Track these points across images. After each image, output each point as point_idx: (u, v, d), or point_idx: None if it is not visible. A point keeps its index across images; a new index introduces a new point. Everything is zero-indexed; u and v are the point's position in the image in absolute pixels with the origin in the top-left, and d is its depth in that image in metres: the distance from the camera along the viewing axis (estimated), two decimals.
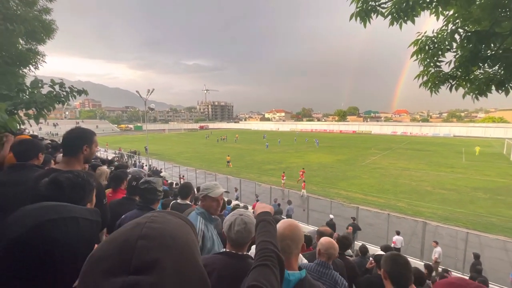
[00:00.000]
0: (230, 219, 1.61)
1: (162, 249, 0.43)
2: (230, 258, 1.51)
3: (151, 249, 0.42)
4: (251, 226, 1.59)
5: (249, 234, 1.58)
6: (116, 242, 0.44)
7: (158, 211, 0.54)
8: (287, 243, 1.33)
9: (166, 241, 0.44)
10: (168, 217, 0.51)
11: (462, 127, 69.46)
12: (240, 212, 1.64)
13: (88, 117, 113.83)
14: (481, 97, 3.28)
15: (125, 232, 0.46)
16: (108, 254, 0.43)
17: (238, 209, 1.73)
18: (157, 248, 0.42)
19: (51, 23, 7.01)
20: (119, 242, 0.44)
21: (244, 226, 1.57)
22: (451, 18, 3.21)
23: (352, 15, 3.26)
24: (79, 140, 1.77)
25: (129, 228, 0.46)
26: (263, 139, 54.75)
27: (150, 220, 0.47)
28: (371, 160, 29.70)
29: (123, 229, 0.47)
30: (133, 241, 0.43)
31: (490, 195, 17.03)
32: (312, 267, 2.16)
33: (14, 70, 5.48)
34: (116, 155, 29.09)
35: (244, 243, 1.59)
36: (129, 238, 0.44)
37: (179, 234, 0.48)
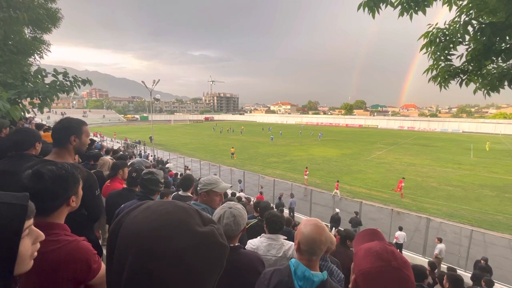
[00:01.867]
0: (219, 212, 1.63)
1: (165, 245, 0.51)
2: None
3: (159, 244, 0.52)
4: (239, 219, 1.61)
5: (238, 227, 1.60)
6: (134, 236, 0.54)
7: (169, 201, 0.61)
8: (321, 247, 1.31)
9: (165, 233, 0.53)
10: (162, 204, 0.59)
11: (472, 123, 68.02)
12: (229, 205, 1.65)
13: (95, 106, 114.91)
14: (493, 92, 3.16)
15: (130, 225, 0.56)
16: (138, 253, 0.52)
17: (228, 202, 1.73)
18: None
19: (57, 11, 6.97)
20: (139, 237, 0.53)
21: (233, 219, 1.58)
22: (465, 9, 3.06)
23: (360, 5, 3.13)
24: (66, 130, 1.73)
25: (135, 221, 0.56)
26: (269, 131, 54.61)
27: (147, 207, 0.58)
28: (377, 155, 29.42)
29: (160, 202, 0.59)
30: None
31: (497, 192, 16.77)
32: None
33: (19, 59, 5.49)
34: (123, 145, 29.42)
35: (233, 236, 1.60)
36: (137, 235, 0.53)
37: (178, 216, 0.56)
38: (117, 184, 3.18)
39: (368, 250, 0.92)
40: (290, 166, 23.49)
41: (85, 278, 1.16)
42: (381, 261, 0.86)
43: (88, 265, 1.16)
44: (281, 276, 1.33)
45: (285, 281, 1.29)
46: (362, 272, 0.87)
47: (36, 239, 0.77)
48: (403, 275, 0.84)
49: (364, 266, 0.88)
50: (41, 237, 0.78)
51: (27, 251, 0.72)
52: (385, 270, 0.84)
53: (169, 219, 0.55)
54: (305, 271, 1.27)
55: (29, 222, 0.72)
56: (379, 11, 3.14)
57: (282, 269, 1.40)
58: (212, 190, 2.15)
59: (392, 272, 0.84)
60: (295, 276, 1.28)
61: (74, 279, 1.13)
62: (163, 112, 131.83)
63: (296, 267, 1.30)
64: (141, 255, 0.51)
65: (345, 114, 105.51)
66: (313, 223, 1.38)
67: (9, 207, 0.67)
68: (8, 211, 0.67)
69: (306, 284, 1.25)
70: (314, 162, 25.15)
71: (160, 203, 0.60)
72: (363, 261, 0.90)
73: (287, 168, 22.69)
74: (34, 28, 6.66)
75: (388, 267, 0.84)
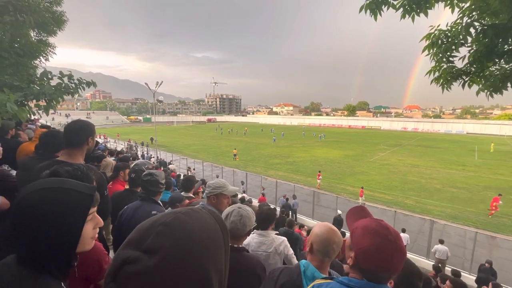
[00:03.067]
0: (227, 210, 1.66)
1: (173, 240, 0.45)
2: None
3: (164, 236, 0.45)
4: (246, 219, 1.63)
5: (244, 227, 1.62)
6: (150, 221, 0.49)
7: (205, 208, 0.58)
8: (334, 248, 1.34)
9: (180, 234, 0.47)
10: (205, 216, 0.53)
11: (476, 124, 67.36)
12: (238, 205, 1.67)
13: (99, 108, 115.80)
14: (496, 94, 3.15)
15: (161, 215, 0.50)
16: (139, 229, 0.49)
17: (238, 203, 1.75)
18: (168, 237, 0.45)
19: (62, 14, 7.07)
20: (150, 222, 0.49)
21: (240, 218, 1.61)
22: (467, 11, 3.06)
23: (362, 7, 3.14)
24: (83, 132, 1.79)
25: (165, 213, 0.51)
26: (271, 132, 54.58)
27: (185, 212, 0.51)
28: (380, 156, 29.27)
29: (163, 213, 0.52)
30: (157, 225, 0.47)
31: (503, 194, 16.57)
32: None
33: (25, 61, 5.56)
34: (126, 146, 29.60)
35: (238, 236, 1.63)
36: (157, 221, 0.48)
37: (200, 233, 0.49)
38: (118, 185, 3.21)
39: (365, 228, 1.00)
40: (293, 167, 23.45)
41: (95, 278, 1.19)
42: (379, 237, 0.94)
43: (99, 265, 1.19)
44: (290, 275, 1.35)
45: (294, 280, 1.31)
46: (363, 250, 0.95)
47: (97, 225, 0.91)
48: (398, 247, 0.93)
49: (364, 244, 0.96)
50: (100, 223, 0.92)
51: (89, 234, 0.86)
52: (383, 245, 0.93)
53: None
54: (314, 272, 1.28)
55: (93, 209, 0.86)
56: (381, 13, 3.16)
57: (291, 268, 1.41)
58: (222, 193, 2.20)
59: (389, 245, 0.92)
60: (304, 276, 1.30)
61: (86, 279, 1.16)
62: (166, 113, 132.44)
63: (306, 268, 1.32)
64: None
65: (348, 115, 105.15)
66: (327, 224, 1.41)
67: (80, 195, 0.82)
68: (78, 198, 0.81)
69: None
70: (317, 163, 25.08)
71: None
72: (363, 239, 0.97)
73: (290, 169, 22.67)
74: (40, 31, 6.76)
75: (385, 241, 0.93)
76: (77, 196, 0.81)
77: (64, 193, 0.80)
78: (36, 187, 0.79)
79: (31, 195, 0.77)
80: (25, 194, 0.78)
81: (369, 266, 0.94)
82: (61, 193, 0.79)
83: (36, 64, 6.76)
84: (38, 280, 0.75)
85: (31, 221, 0.74)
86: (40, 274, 0.76)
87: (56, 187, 0.80)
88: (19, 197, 0.77)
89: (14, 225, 0.76)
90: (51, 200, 0.77)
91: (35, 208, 0.75)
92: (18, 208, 0.76)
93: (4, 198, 1.85)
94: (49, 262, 0.77)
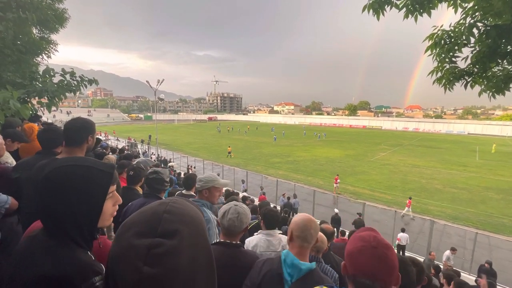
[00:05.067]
0: (225, 208, 1.69)
1: (182, 223, 0.55)
2: (223, 247, 1.60)
3: (174, 221, 0.54)
4: (243, 216, 1.67)
5: (241, 224, 1.65)
6: (146, 213, 0.56)
7: (177, 197, 0.65)
8: (311, 232, 1.39)
9: (185, 218, 0.56)
10: (186, 202, 0.63)
11: (478, 124, 67.20)
12: (234, 203, 1.70)
13: (100, 106, 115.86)
14: (498, 95, 3.14)
15: (152, 207, 0.58)
16: (139, 221, 0.55)
17: (234, 200, 1.78)
18: (178, 221, 0.54)
19: (64, 11, 7.07)
20: (148, 214, 0.56)
21: (237, 216, 1.64)
22: (470, 11, 3.05)
23: (365, 7, 3.14)
24: (84, 130, 1.79)
25: (156, 204, 0.58)
26: (272, 131, 54.58)
27: (172, 201, 0.59)
28: (380, 156, 29.25)
29: (150, 205, 0.59)
30: (160, 213, 0.55)
31: (503, 195, 16.57)
32: None
33: (27, 58, 5.58)
34: (127, 144, 29.64)
35: (235, 232, 1.66)
36: (157, 211, 0.56)
37: (195, 215, 0.60)
38: (122, 183, 3.23)
39: (354, 235, 1.03)
40: (293, 166, 23.46)
41: None
42: (363, 242, 0.96)
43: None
44: (271, 264, 1.41)
45: (275, 269, 1.36)
46: (347, 253, 0.98)
47: (116, 202, 0.96)
48: (380, 252, 0.92)
49: (349, 247, 0.99)
50: (119, 201, 0.98)
51: (109, 210, 0.92)
52: (364, 248, 0.94)
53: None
54: (293, 259, 1.34)
55: (112, 188, 0.91)
56: (383, 13, 3.15)
57: (273, 258, 1.47)
58: (214, 186, 2.25)
59: (371, 249, 0.93)
60: (284, 264, 1.35)
61: None
62: (167, 111, 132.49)
63: (286, 256, 1.37)
64: None
65: (349, 114, 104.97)
66: (305, 214, 1.49)
67: (100, 173, 0.88)
68: (100, 175, 0.87)
69: (294, 271, 1.32)
70: (318, 162, 25.09)
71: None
72: (349, 245, 1.01)
73: (290, 168, 22.68)
74: (42, 28, 6.76)
75: (367, 246, 0.94)
76: (98, 173, 0.87)
77: (87, 169, 0.86)
78: (62, 163, 0.86)
79: (58, 170, 0.83)
80: (53, 169, 0.83)
81: (353, 271, 0.94)
82: (84, 169, 0.85)
83: (38, 61, 6.77)
84: (66, 248, 0.81)
85: (59, 194, 0.81)
86: (67, 244, 0.82)
87: (80, 164, 0.86)
88: (46, 172, 0.83)
89: (42, 199, 0.82)
90: (76, 176, 0.83)
91: (62, 182, 0.81)
92: (46, 182, 0.82)
93: (13, 199, 1.87)
94: (75, 233, 0.83)
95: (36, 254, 0.80)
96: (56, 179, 0.82)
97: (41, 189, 0.82)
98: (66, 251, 0.81)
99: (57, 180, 0.82)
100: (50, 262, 0.78)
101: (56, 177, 0.82)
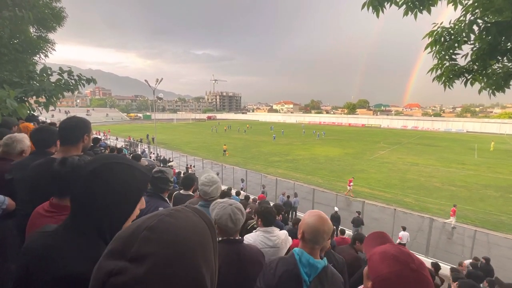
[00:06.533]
0: (219, 208, 1.68)
1: (161, 244, 0.43)
2: (227, 245, 1.61)
3: (151, 241, 0.43)
4: (239, 215, 1.68)
5: (238, 222, 1.66)
6: (131, 227, 0.46)
7: (188, 206, 0.55)
8: (324, 236, 1.39)
9: (168, 237, 0.44)
10: (189, 215, 0.51)
11: (476, 122, 67.39)
12: (229, 202, 1.71)
13: (99, 105, 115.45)
14: (498, 92, 3.14)
15: (142, 219, 0.48)
16: (119, 236, 0.46)
17: (227, 199, 1.78)
18: (156, 241, 0.43)
19: (61, 10, 7.02)
20: (132, 227, 0.46)
21: (234, 215, 1.65)
22: (470, 8, 3.04)
23: (364, 4, 3.11)
24: (79, 129, 1.76)
25: (147, 216, 0.48)
26: (271, 130, 54.58)
27: (168, 213, 0.48)
28: (379, 155, 29.29)
29: (144, 216, 0.49)
30: (141, 229, 0.44)
31: (502, 193, 16.63)
32: None
33: (24, 57, 5.54)
34: (125, 143, 29.58)
35: (234, 231, 1.66)
36: (140, 226, 0.45)
37: (188, 233, 0.47)
38: None
39: (383, 254, 0.89)
40: (293, 165, 23.46)
41: None
42: (400, 264, 0.84)
43: None
44: (287, 264, 1.40)
45: (291, 269, 1.37)
46: (382, 278, 0.85)
47: (141, 206, 0.92)
48: (422, 276, 0.82)
49: (382, 271, 0.85)
50: (143, 205, 0.93)
51: (135, 213, 0.88)
52: (404, 273, 0.82)
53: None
54: (309, 259, 1.36)
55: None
56: (383, 10, 3.13)
57: (287, 258, 1.46)
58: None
59: (412, 274, 0.82)
60: (301, 263, 1.36)
61: None
62: (166, 111, 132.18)
63: (301, 256, 1.38)
64: None
65: (348, 113, 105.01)
66: (317, 214, 1.45)
67: (141, 174, 0.87)
68: (140, 177, 0.86)
69: (311, 270, 1.35)
70: (317, 161, 25.10)
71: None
72: (381, 266, 0.87)
73: (290, 167, 22.68)
74: (39, 27, 6.71)
75: (407, 269, 0.82)
76: (139, 174, 0.86)
77: (130, 169, 0.84)
78: (105, 160, 0.84)
79: (105, 166, 0.82)
80: (100, 164, 0.82)
81: None
82: (128, 168, 0.84)
83: (35, 60, 6.72)
84: (97, 248, 0.76)
85: (103, 190, 0.79)
86: (97, 243, 0.79)
87: (124, 162, 0.85)
88: (93, 167, 0.81)
89: (85, 194, 0.80)
90: (122, 173, 0.82)
91: (108, 178, 0.80)
92: (92, 176, 0.80)
93: (10, 199, 1.85)
94: (107, 232, 0.80)
95: (64, 251, 0.78)
96: (103, 175, 0.80)
97: (85, 183, 0.80)
98: (98, 251, 0.76)
99: (104, 176, 0.80)
100: (82, 261, 0.74)
101: (103, 172, 0.80)
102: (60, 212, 1.21)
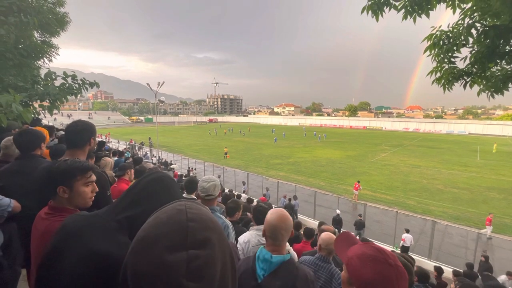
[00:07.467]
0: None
1: (209, 230, 0.53)
2: None
3: (201, 229, 0.52)
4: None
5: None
6: (168, 224, 0.53)
7: (185, 199, 0.63)
8: (282, 233, 1.41)
9: (210, 224, 0.55)
10: (199, 206, 0.61)
11: (478, 124, 67.04)
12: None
13: (101, 108, 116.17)
14: (497, 94, 3.16)
15: (171, 216, 0.54)
16: (162, 234, 0.51)
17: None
18: (205, 229, 0.53)
19: (65, 15, 7.12)
20: (171, 224, 0.52)
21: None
22: (469, 12, 3.07)
23: (364, 8, 3.16)
24: (85, 132, 1.80)
25: (174, 213, 0.55)
26: (272, 133, 54.61)
27: (188, 207, 0.57)
28: (381, 157, 29.20)
29: (167, 214, 0.55)
30: (184, 222, 0.52)
31: (505, 195, 16.53)
32: (311, 260, 2.24)
33: (29, 62, 5.61)
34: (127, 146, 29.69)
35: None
36: (180, 221, 0.52)
37: (213, 218, 0.59)
38: (123, 184, 3.24)
39: (362, 256, 0.90)
40: (294, 167, 23.45)
41: None
42: (380, 263, 0.86)
43: None
44: (247, 263, 1.44)
45: (250, 266, 1.40)
46: (368, 282, 0.86)
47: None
48: (400, 270, 0.86)
49: (366, 275, 0.87)
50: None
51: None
52: (386, 271, 0.85)
53: None
54: (265, 254, 1.38)
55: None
56: (382, 15, 3.17)
57: (250, 257, 1.50)
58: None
59: (392, 270, 0.85)
60: (258, 260, 1.39)
61: None
62: (167, 114, 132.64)
63: (260, 252, 1.41)
64: None
65: (349, 115, 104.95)
66: (276, 211, 1.48)
67: (176, 184, 1.06)
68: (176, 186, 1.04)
69: (265, 265, 1.36)
70: (318, 164, 25.07)
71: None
72: (363, 270, 0.88)
73: (291, 170, 22.67)
74: (43, 32, 6.81)
75: (387, 267, 0.86)
76: (175, 184, 1.04)
77: (172, 180, 1.04)
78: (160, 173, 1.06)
79: (159, 177, 1.01)
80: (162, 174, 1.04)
81: None
82: (172, 180, 1.03)
83: (39, 65, 6.81)
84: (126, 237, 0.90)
85: (151, 194, 0.95)
86: (124, 229, 0.91)
87: (167, 176, 1.05)
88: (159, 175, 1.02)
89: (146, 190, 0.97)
90: (174, 183, 1.02)
91: (166, 185, 0.99)
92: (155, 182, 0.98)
93: (16, 202, 1.88)
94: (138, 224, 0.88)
95: (94, 231, 0.88)
96: (165, 179, 0.99)
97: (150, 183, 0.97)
98: (124, 237, 0.90)
99: (164, 182, 0.98)
100: (107, 242, 0.85)
101: (164, 177, 0.99)
102: (56, 214, 1.24)
